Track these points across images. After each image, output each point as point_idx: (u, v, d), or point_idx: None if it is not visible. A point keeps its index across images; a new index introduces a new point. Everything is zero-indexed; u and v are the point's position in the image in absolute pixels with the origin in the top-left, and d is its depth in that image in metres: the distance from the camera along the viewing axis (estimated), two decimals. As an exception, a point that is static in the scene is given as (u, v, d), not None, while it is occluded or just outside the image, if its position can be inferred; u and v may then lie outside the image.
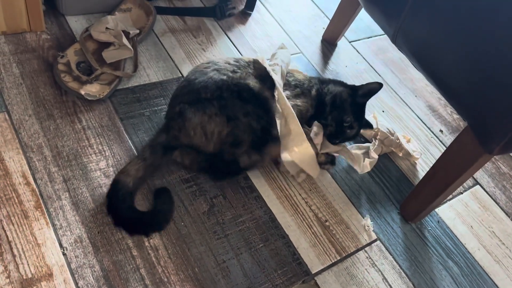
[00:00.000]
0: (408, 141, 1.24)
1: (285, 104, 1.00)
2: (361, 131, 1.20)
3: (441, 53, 0.90)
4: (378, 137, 1.18)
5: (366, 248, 1.01)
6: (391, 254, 1.01)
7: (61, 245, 0.83)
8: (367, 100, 1.09)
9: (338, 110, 1.05)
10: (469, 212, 1.16)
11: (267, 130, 0.99)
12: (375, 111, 1.32)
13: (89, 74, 1.08)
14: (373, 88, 1.06)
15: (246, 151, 0.98)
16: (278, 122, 0.99)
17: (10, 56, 1.09)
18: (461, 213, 1.15)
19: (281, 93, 1.01)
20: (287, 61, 1.12)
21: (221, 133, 0.94)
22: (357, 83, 1.12)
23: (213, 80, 0.96)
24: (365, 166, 1.10)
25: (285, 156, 1.00)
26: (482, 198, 1.20)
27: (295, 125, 0.99)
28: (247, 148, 0.98)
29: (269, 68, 1.04)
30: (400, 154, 1.21)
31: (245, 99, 0.96)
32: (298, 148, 1.00)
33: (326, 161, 1.09)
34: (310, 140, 1.03)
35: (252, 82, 0.99)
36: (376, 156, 1.14)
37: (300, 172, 1.05)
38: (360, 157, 1.10)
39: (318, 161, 1.05)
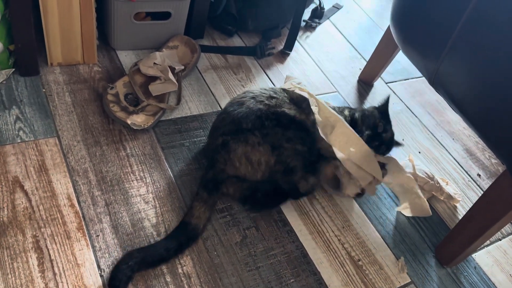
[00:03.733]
0: (447, 184, 1.22)
1: (329, 112, 1.03)
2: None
3: (479, 96, 0.90)
4: (417, 183, 1.16)
5: (399, 291, 0.99)
6: (425, 298, 0.99)
7: (99, 267, 0.86)
8: (387, 108, 1.15)
9: (369, 118, 1.12)
10: (508, 259, 1.12)
11: (314, 150, 1.02)
12: (411, 152, 1.32)
13: (136, 105, 1.14)
14: (386, 99, 1.16)
15: (302, 176, 1.00)
16: (320, 130, 1.02)
17: (64, 85, 1.17)
18: (500, 260, 1.11)
19: (322, 103, 1.04)
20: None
21: (268, 163, 0.97)
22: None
23: (251, 110, 1.00)
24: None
25: (342, 157, 1.02)
26: (523, 246, 1.16)
27: (346, 128, 1.02)
28: (302, 172, 1.00)
29: (300, 87, 1.08)
30: (442, 198, 1.19)
31: (284, 126, 0.99)
32: (354, 148, 1.01)
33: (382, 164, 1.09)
34: None
35: (287, 108, 1.03)
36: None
37: (370, 183, 1.05)
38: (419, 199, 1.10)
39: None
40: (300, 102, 1.07)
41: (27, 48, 1.11)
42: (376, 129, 1.10)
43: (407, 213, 1.11)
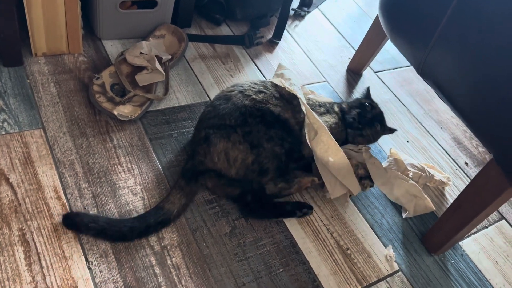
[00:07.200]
0: (431, 167, 1.23)
1: (314, 118, 1.02)
2: None
3: (466, 85, 0.90)
4: (411, 178, 1.17)
5: (387, 279, 0.99)
6: (412, 286, 1.00)
7: (87, 259, 0.85)
8: (369, 95, 1.22)
9: (355, 102, 1.19)
10: (494, 246, 1.14)
11: (291, 154, 1.01)
12: (399, 141, 1.32)
13: (122, 95, 1.13)
14: (367, 89, 1.23)
15: (271, 178, 1.00)
16: (306, 132, 1.01)
17: (48, 76, 1.15)
18: (486, 248, 1.13)
19: (308, 108, 1.03)
20: (297, 83, 1.14)
21: (245, 161, 0.96)
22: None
23: (236, 106, 0.99)
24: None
25: (320, 163, 1.01)
26: (508, 233, 1.18)
27: (328, 137, 1.01)
28: (273, 175, 0.99)
29: (289, 88, 1.06)
30: (433, 185, 1.21)
31: (268, 123, 0.98)
32: (333, 158, 1.01)
33: (366, 176, 1.09)
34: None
35: (273, 105, 1.02)
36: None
37: (345, 196, 1.06)
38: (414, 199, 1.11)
39: (357, 173, 1.06)
40: (292, 99, 1.06)
41: (10, 38, 1.09)
42: (364, 107, 1.15)
43: (410, 215, 1.11)
